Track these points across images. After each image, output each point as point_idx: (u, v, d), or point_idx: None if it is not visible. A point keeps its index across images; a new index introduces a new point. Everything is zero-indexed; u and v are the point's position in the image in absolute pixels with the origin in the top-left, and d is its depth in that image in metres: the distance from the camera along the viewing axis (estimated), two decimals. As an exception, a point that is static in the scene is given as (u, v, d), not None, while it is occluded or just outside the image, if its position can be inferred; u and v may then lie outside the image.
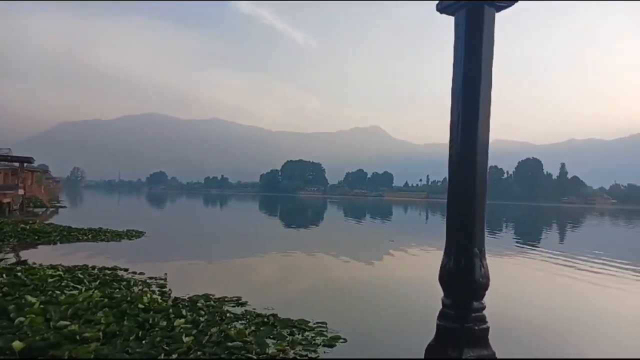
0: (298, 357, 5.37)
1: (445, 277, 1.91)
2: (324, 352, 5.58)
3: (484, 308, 1.91)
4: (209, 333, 5.70)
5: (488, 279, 1.89)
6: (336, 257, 14.53)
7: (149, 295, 7.40)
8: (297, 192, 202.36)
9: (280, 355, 5.31)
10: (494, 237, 23.58)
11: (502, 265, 13.56)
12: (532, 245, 21.19)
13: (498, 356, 1.86)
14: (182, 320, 6.12)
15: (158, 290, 8.35)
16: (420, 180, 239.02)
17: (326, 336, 6.13)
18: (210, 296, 7.96)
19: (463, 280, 1.87)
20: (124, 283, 8.69)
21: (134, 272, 10.13)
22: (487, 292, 1.86)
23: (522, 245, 20.83)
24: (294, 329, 6.32)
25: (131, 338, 5.32)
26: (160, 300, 7.20)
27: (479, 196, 1.88)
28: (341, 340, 6.01)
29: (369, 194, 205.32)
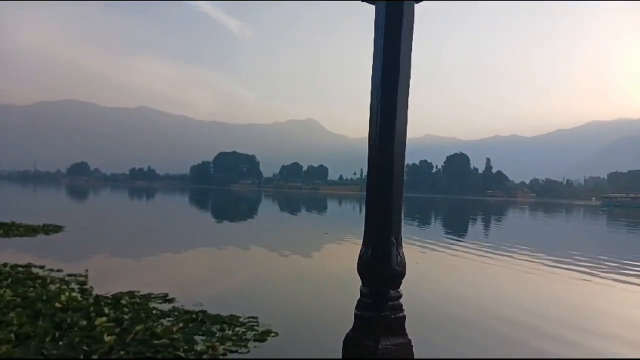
0: (228, 353, 5.27)
1: (363, 266, 1.95)
2: (255, 347, 5.53)
3: (400, 296, 1.95)
4: (133, 331, 5.46)
5: (404, 267, 1.95)
6: (269, 251, 14.46)
7: (67, 293, 6.97)
8: (230, 184, 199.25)
9: (210, 352, 5.19)
10: (422, 229, 24.55)
11: (423, 255, 14.15)
12: (457, 237, 22.27)
13: (414, 343, 1.91)
14: (104, 318, 5.81)
15: (78, 288, 7.87)
16: (355, 173, 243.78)
17: (257, 331, 6.07)
18: (136, 293, 7.62)
19: (380, 269, 1.91)
20: (39, 281, 8.11)
21: (51, 270, 9.48)
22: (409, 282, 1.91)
23: (449, 237, 21.83)
24: (224, 325, 6.19)
25: (47, 339, 4.99)
26: (80, 299, 6.81)
27: (396, 187, 1.93)
28: (272, 335, 5.98)
29: (304, 187, 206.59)
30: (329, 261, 13.03)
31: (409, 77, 1.98)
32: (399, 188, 1.98)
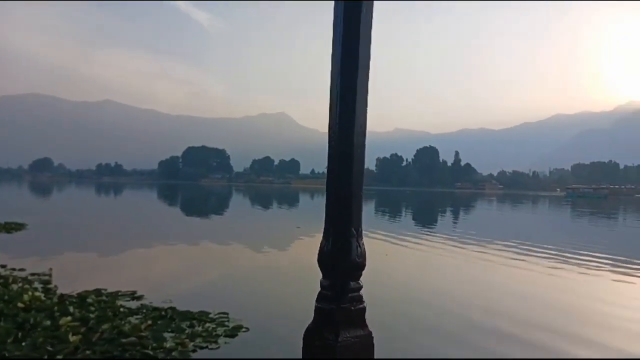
0: (198, 350, 5.24)
1: (323, 258, 1.95)
2: (225, 343, 5.51)
3: (360, 288, 1.97)
4: (99, 330, 5.36)
5: (365, 259, 1.96)
6: (240, 246, 14.38)
7: (30, 293, 6.78)
8: (199, 179, 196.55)
9: (179, 349, 5.15)
10: (391, 222, 24.83)
11: (391, 248, 14.36)
12: (424, 229, 22.63)
13: (374, 334, 1.94)
14: (69, 318, 5.69)
15: (41, 288, 7.66)
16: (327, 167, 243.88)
17: (228, 326, 6.05)
18: (102, 291, 7.47)
19: (340, 260, 1.92)
20: (1, 281, 7.85)
21: (13, 269, 9.19)
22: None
23: (416, 230, 22.16)
24: (194, 321, 6.15)
25: (9, 340, 4.87)
26: (43, 298, 6.65)
27: (356, 178, 1.95)
28: (243, 330, 5.97)
29: (276, 181, 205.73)
30: (300, 255, 13.05)
31: (367, 70, 2.00)
32: (359, 179, 2.00)
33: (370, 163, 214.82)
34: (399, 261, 12.43)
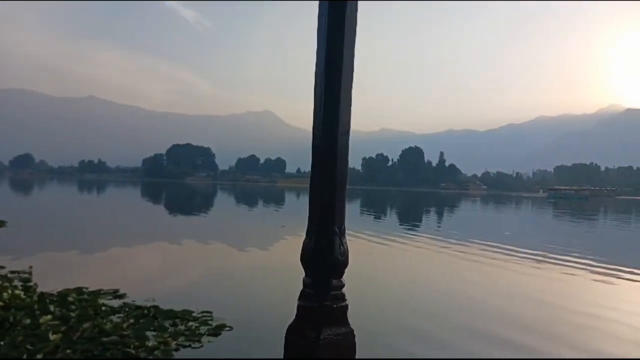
0: (180, 348, 5.21)
1: (306, 256, 1.96)
2: (208, 342, 5.48)
3: (343, 286, 1.98)
4: (80, 329, 5.30)
5: (347, 257, 1.97)
6: (225, 244, 14.31)
7: (9, 291, 6.66)
8: (184, 177, 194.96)
9: (162, 348, 5.11)
10: (376, 221, 24.91)
11: (375, 247, 14.43)
12: (409, 229, 22.78)
13: (356, 332, 1.95)
14: (49, 316, 5.61)
15: (21, 286, 7.52)
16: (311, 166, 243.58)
17: (211, 325, 6.02)
18: (84, 289, 7.37)
19: (323, 258, 1.93)
20: (-21, 279, 7.71)
21: (-8, 267, 9.02)
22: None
23: (401, 229, 22.30)
24: (177, 320, 6.10)
25: (-13, 340, 4.76)
26: (23, 296, 6.54)
27: (339, 177, 1.97)
28: (227, 328, 5.95)
29: (262, 180, 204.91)
30: (285, 254, 13.03)
31: (352, 69, 2.01)
32: (343, 178, 2.01)
33: (356, 163, 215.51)
34: (384, 260, 12.49)
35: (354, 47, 1.98)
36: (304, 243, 1.98)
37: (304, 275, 1.97)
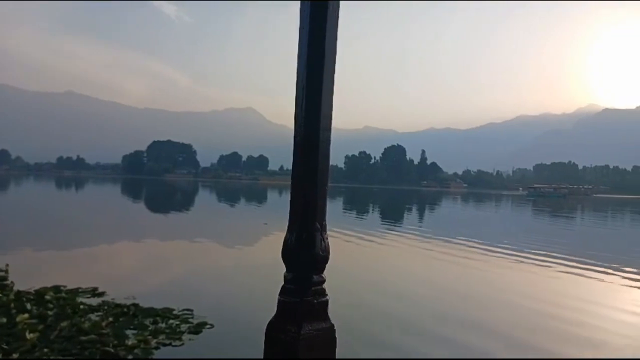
0: (161, 347, 5.16)
1: (287, 252, 1.97)
2: (189, 340, 5.45)
3: (323, 281, 1.99)
4: (58, 328, 5.21)
5: (328, 252, 1.99)
6: (206, 243, 14.22)
7: (-16, 290, 6.52)
8: (164, 175, 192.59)
9: (141, 346, 5.06)
10: (361, 219, 25.00)
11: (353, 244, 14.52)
12: (390, 226, 22.96)
13: (337, 327, 1.96)
14: (26, 315, 5.51)
15: (-3, 284, 7.37)
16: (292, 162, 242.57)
17: (192, 323, 5.98)
18: (62, 288, 7.25)
19: (304, 254, 1.94)
20: (-48, 278, 7.52)
21: (-34, 265, 8.79)
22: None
23: (382, 227, 22.44)
24: (157, 318, 6.05)
25: (-40, 340, 4.65)
26: (-1, 295, 6.40)
27: (321, 172, 1.98)
28: (208, 326, 5.92)
29: (244, 177, 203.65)
30: (266, 251, 13.00)
31: (333, 67, 2.02)
32: (325, 174, 2.02)
33: (339, 160, 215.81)
34: (366, 257, 12.56)
35: (335, 45, 1.99)
36: (285, 238, 1.99)
37: (284, 270, 1.98)
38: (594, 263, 12.39)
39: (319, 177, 1.98)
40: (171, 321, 5.98)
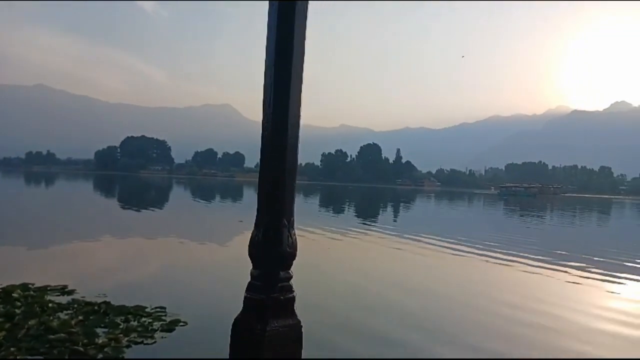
0: (132, 345, 5.12)
1: (254, 248, 1.98)
2: (162, 338, 5.41)
3: (290, 277, 2.01)
4: (25, 326, 5.11)
5: (295, 249, 2.01)
6: (180, 240, 14.06)
7: (-53, 288, 6.34)
8: (138, 171, 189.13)
9: (112, 344, 5.00)
10: (336, 217, 25.09)
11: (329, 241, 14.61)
12: (364, 224, 23.13)
13: (303, 322, 1.99)
14: (-8, 314, 5.38)
15: (-39, 283, 7.16)
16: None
17: (165, 321, 5.93)
18: (30, 285, 7.09)
19: (271, 250, 1.95)
20: None
21: None
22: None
23: (358, 224, 22.60)
24: (129, 316, 5.98)
25: None
26: (-37, 294, 6.23)
27: (289, 169, 1.99)
28: (181, 324, 5.88)
29: (220, 174, 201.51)
30: (241, 248, 12.93)
31: (301, 66, 2.04)
32: (293, 171, 2.03)
33: (315, 158, 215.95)
34: (335, 253, 12.65)
35: (303, 45, 2.02)
36: (252, 235, 2.00)
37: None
38: (559, 262, 12.75)
39: (287, 173, 2.00)
40: (143, 319, 5.93)
